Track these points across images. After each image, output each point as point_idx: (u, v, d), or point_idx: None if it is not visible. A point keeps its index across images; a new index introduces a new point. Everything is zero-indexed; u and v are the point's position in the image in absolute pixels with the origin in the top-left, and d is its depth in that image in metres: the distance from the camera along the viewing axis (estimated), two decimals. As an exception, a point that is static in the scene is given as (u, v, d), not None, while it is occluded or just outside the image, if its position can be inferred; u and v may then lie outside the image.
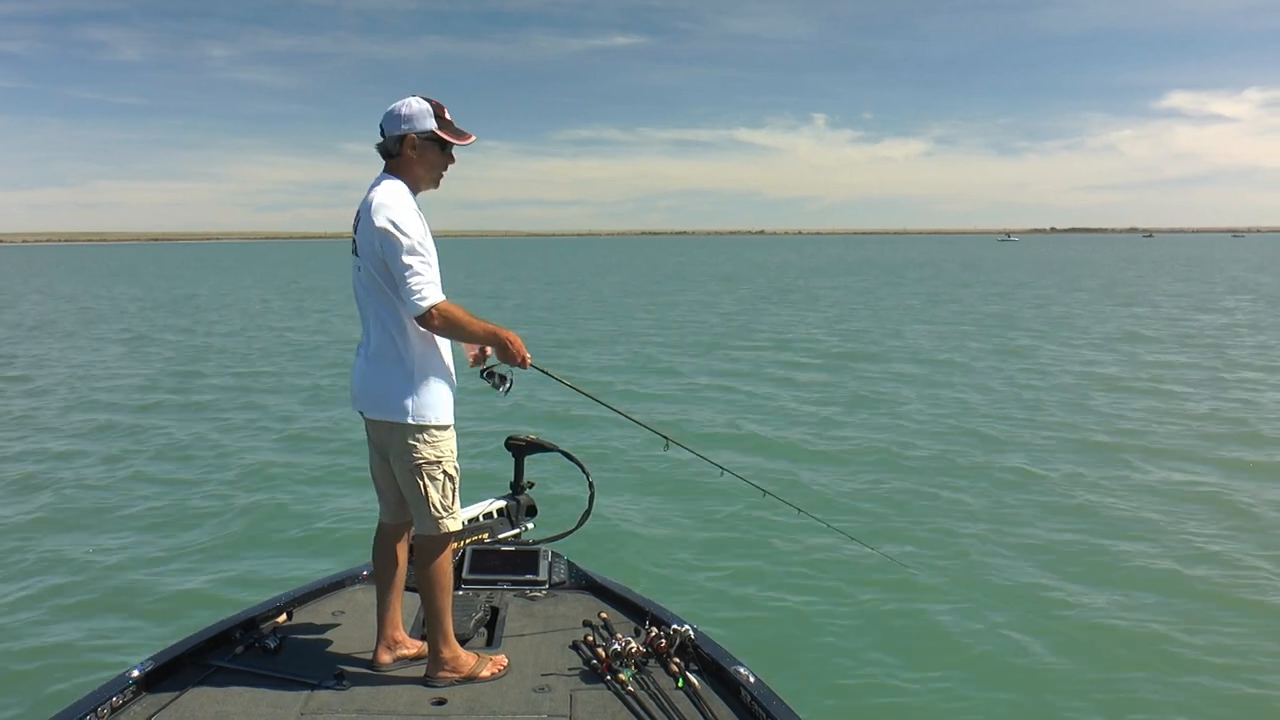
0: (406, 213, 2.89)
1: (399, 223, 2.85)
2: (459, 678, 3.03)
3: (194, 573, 6.47)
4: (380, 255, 2.88)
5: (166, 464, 9.65)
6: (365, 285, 2.99)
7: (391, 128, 2.99)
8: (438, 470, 3.03)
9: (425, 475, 3.02)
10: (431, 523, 3.06)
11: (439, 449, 3.03)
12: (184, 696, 2.91)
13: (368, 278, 2.96)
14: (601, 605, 3.59)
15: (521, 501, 4.08)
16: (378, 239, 2.86)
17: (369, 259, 2.92)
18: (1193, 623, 5.53)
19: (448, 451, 3.07)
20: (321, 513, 7.80)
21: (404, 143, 2.98)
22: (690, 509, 7.82)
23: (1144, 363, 16.16)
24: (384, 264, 2.88)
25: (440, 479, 3.05)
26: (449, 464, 3.07)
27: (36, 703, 4.59)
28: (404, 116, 2.98)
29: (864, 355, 17.66)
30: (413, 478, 3.03)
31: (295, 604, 3.56)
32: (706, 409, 12.45)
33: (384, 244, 2.85)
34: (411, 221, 2.88)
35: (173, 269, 73.42)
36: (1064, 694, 4.76)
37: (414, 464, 3.01)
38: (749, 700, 2.83)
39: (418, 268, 2.84)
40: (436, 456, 3.02)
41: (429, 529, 3.07)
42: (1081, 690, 4.79)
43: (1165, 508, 7.72)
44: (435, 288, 2.87)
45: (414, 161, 3.00)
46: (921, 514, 7.65)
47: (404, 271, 2.83)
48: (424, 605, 3.09)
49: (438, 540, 3.08)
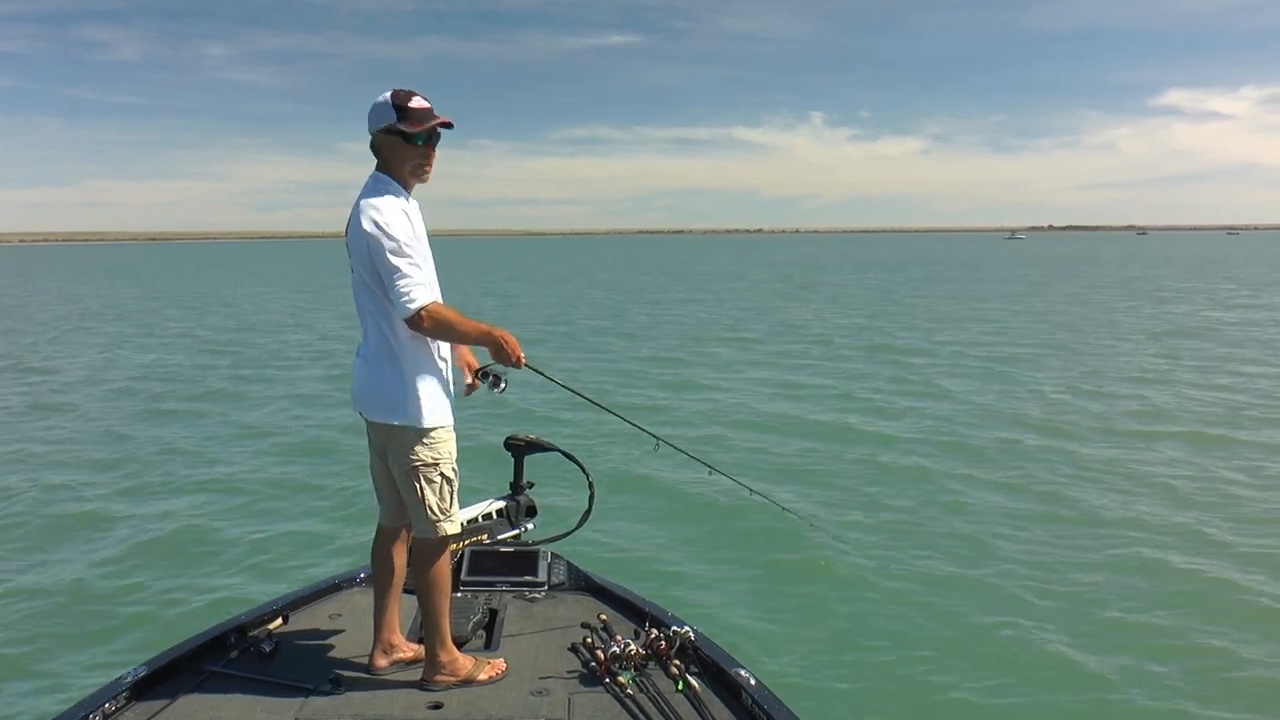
0: (392, 213, 2.85)
1: (384, 224, 2.82)
2: (456, 681, 3.00)
3: (189, 577, 6.43)
4: (369, 257, 2.85)
5: (165, 466, 9.61)
6: (359, 287, 2.98)
7: (368, 128, 2.96)
8: (435, 473, 3.00)
9: (422, 478, 2.99)
10: (429, 526, 3.03)
11: (437, 451, 3.00)
12: (178, 702, 2.88)
13: (360, 280, 2.95)
14: (601, 607, 3.55)
15: (521, 502, 4.06)
16: (365, 241, 2.84)
17: (359, 261, 2.91)
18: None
19: (446, 454, 3.03)
20: (317, 515, 7.76)
21: (374, 140, 2.95)
22: (691, 511, 7.80)
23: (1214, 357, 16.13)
24: (373, 266, 2.86)
25: (438, 481, 3.01)
26: (447, 466, 3.04)
27: (30, 709, 4.56)
28: (370, 115, 2.94)
29: (914, 350, 17.61)
30: (410, 480, 3.00)
31: (291, 607, 3.53)
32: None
33: (371, 246, 2.83)
34: (397, 222, 2.84)
35: (187, 269, 73.24)
36: (1079, 701, 4.69)
37: (411, 466, 2.98)
38: (750, 703, 2.80)
39: (405, 269, 2.81)
40: (434, 459, 2.99)
41: (426, 532, 3.04)
42: (1097, 701, 4.70)
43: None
44: (425, 289, 2.84)
45: (389, 159, 2.96)
46: (939, 518, 7.58)
47: (391, 274, 2.81)
48: (421, 608, 3.06)
49: (435, 543, 3.05)
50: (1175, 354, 16.93)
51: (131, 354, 19.06)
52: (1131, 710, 4.62)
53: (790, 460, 9.54)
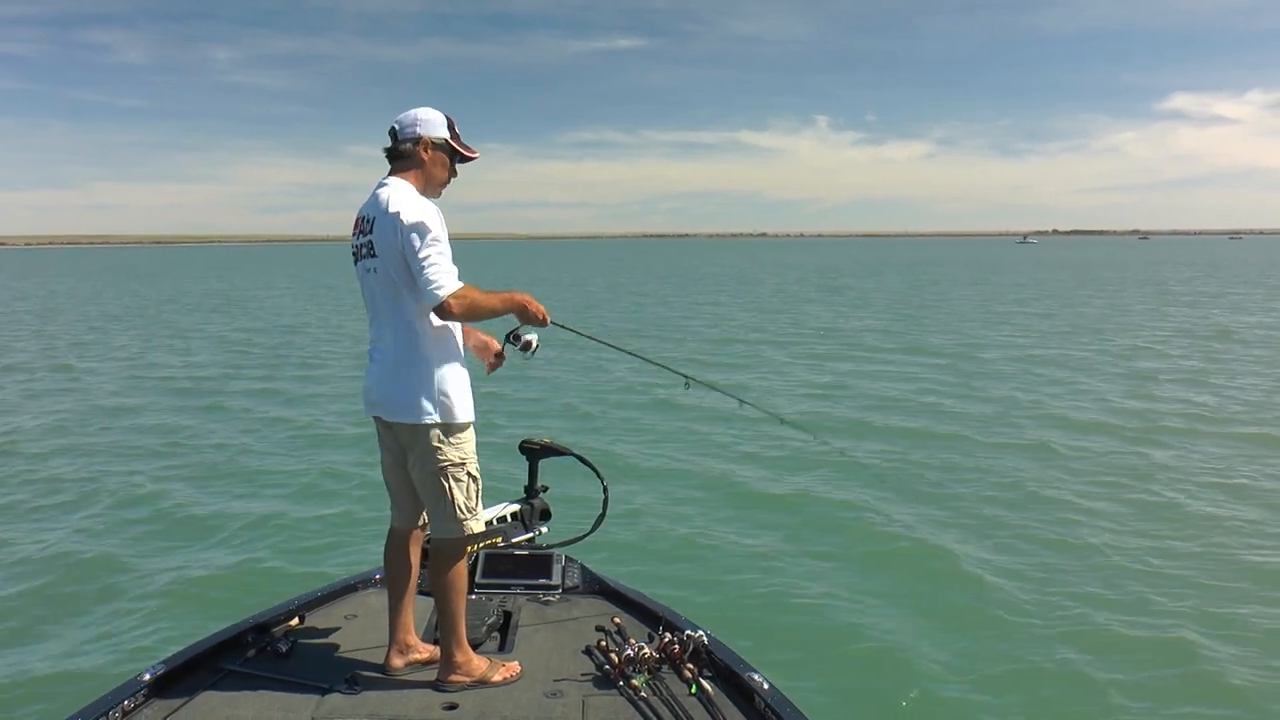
0: (429, 208, 2.94)
1: (422, 217, 2.88)
2: (470, 682, 3.02)
3: (207, 575, 6.45)
4: (401, 252, 2.89)
5: (188, 468, 9.68)
6: (381, 287, 2.99)
7: (407, 130, 3.05)
8: (462, 472, 3.04)
9: (450, 477, 3.02)
10: (455, 525, 3.05)
11: (463, 450, 3.04)
12: (195, 700, 2.91)
13: (384, 279, 2.96)
14: (615, 610, 3.57)
15: (535, 505, 4.07)
16: (401, 235, 2.88)
17: (388, 257, 2.93)
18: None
19: (470, 452, 3.07)
20: (334, 515, 7.77)
21: (419, 145, 3.04)
22: (709, 513, 7.75)
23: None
24: (404, 261, 2.89)
25: (465, 480, 3.05)
26: (472, 465, 3.08)
27: (48, 707, 4.57)
28: (421, 120, 3.06)
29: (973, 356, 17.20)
30: (437, 480, 3.02)
31: (307, 608, 3.56)
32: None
33: (406, 237, 2.87)
34: (432, 215, 2.92)
35: (202, 270, 73.14)
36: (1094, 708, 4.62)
37: (439, 466, 3.00)
38: (763, 707, 2.81)
39: (434, 258, 2.86)
40: (460, 458, 3.03)
41: (451, 531, 3.06)
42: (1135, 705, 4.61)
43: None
44: (452, 276, 2.88)
45: (428, 163, 3.06)
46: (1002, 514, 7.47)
47: (422, 264, 2.85)
48: (438, 609, 3.08)
49: (457, 543, 3.07)
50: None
51: (162, 356, 18.94)
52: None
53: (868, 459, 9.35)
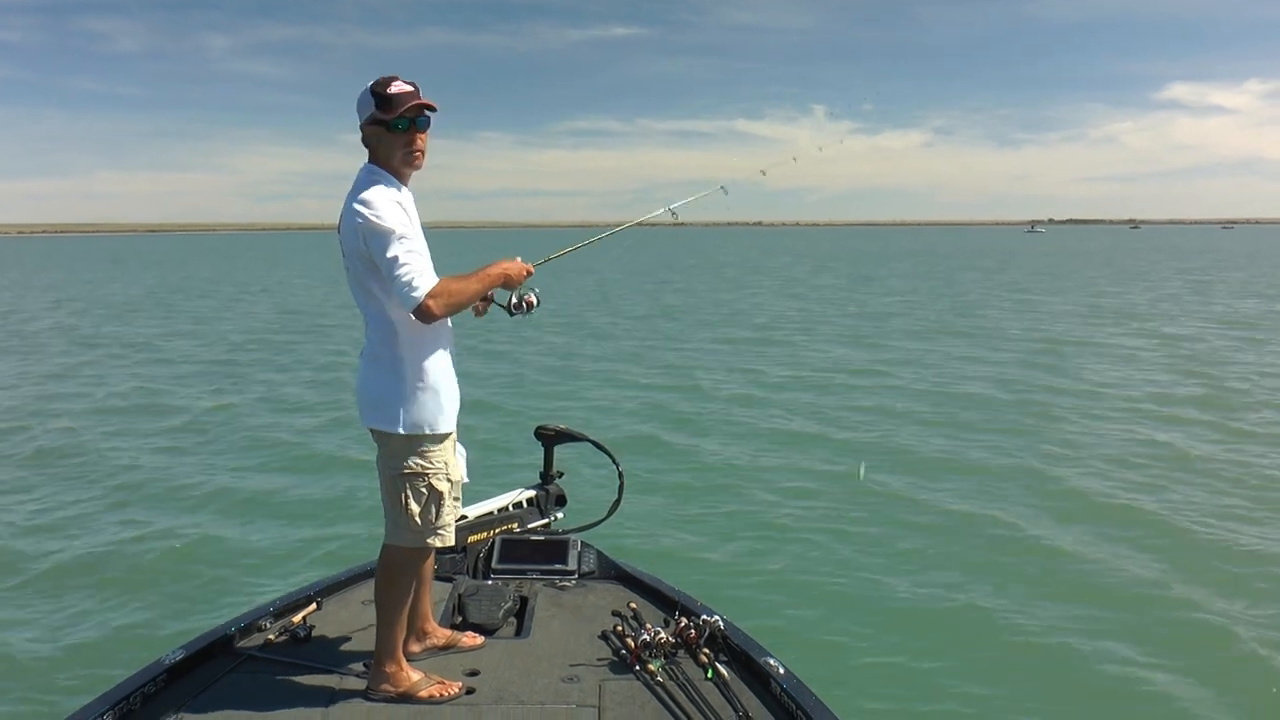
0: (384, 204, 2.71)
1: (378, 215, 2.68)
2: (396, 694, 2.86)
3: (224, 562, 6.49)
4: (365, 253, 2.72)
5: (216, 451, 9.78)
6: (354, 288, 2.85)
7: (359, 123, 2.85)
8: (422, 483, 2.85)
9: (408, 486, 2.85)
10: (407, 535, 2.88)
11: (428, 460, 2.85)
12: (215, 685, 2.93)
13: (354, 278, 2.83)
14: (631, 595, 3.59)
15: (551, 491, 4.09)
16: (359, 235, 2.70)
17: (354, 258, 2.77)
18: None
19: (439, 464, 2.88)
20: (355, 501, 7.78)
21: (362, 136, 2.84)
22: (724, 499, 7.76)
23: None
24: (370, 262, 2.73)
25: (424, 493, 2.86)
26: (438, 478, 2.88)
27: (70, 691, 4.59)
28: (357, 110, 2.83)
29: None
30: (394, 487, 2.86)
31: (325, 593, 3.57)
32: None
33: (366, 239, 2.69)
34: (392, 212, 2.70)
35: (209, 258, 72.80)
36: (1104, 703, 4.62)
37: (399, 473, 2.85)
38: (779, 692, 2.83)
39: (404, 258, 2.67)
40: (423, 468, 2.85)
41: (402, 540, 2.90)
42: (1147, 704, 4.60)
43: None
44: (426, 275, 2.70)
45: (377, 150, 2.83)
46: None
47: (391, 266, 2.67)
48: (377, 616, 2.93)
49: (407, 553, 2.92)
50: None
51: (187, 347, 18.84)
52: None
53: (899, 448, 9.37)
